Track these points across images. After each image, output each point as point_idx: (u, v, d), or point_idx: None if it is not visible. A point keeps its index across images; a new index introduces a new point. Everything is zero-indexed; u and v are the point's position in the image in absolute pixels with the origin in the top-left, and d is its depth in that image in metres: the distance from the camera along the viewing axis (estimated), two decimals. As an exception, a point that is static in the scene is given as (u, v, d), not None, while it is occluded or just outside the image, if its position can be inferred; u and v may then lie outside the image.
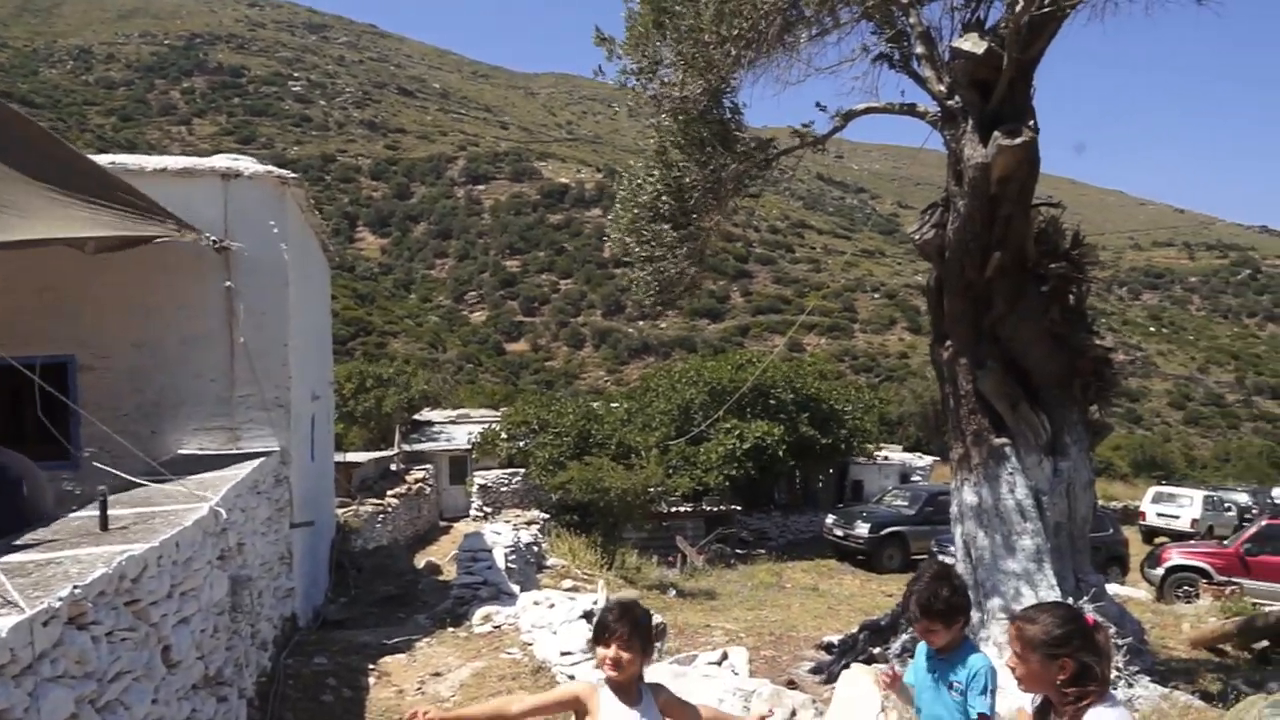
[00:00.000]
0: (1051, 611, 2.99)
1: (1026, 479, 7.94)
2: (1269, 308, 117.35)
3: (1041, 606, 3.11)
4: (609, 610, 3.21)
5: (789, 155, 8.98)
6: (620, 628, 3.09)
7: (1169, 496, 27.63)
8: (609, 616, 3.15)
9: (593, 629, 3.24)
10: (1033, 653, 2.86)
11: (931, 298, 8.61)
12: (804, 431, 23.77)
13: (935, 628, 3.46)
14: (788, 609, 13.56)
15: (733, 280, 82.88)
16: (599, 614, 3.24)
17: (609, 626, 3.12)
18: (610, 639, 3.10)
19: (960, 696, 3.46)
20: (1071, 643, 2.87)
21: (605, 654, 3.13)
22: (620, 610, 3.18)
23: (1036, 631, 2.88)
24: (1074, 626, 2.92)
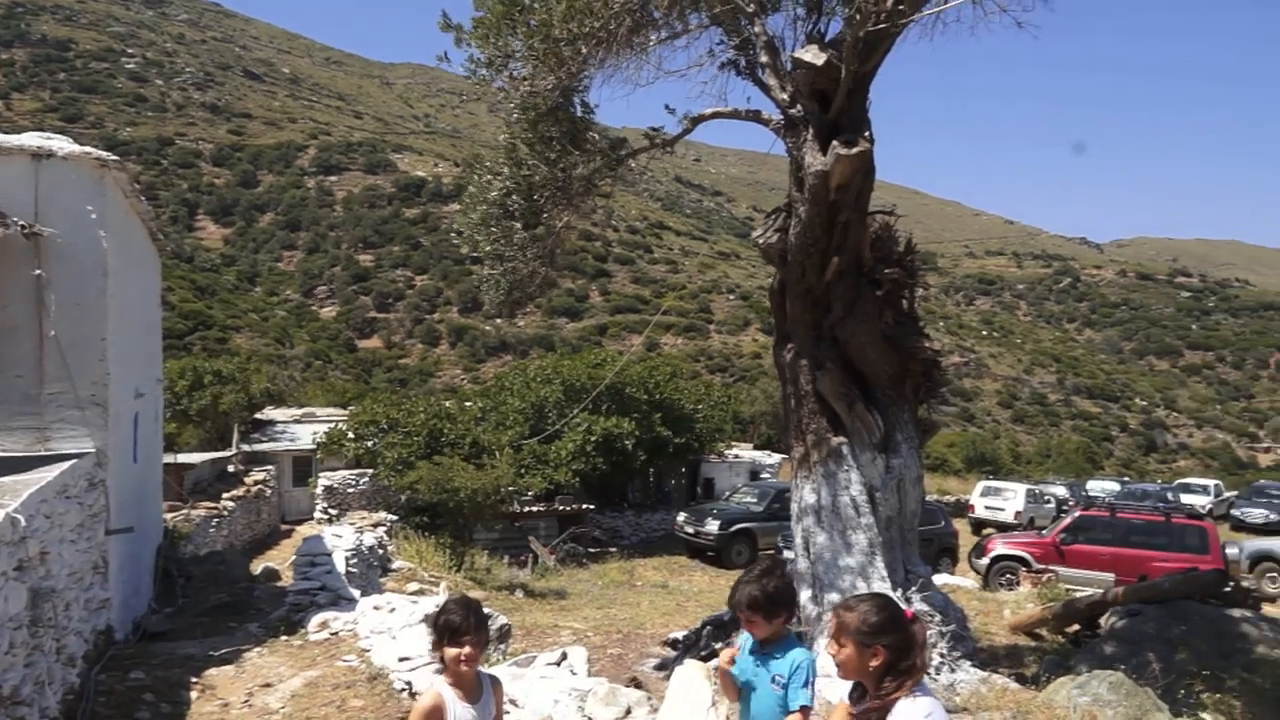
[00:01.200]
0: (870, 601, 3.11)
1: (861, 476, 8.26)
2: (1086, 314, 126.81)
3: (861, 597, 3.23)
4: (454, 610, 3.19)
5: (639, 156, 9.05)
6: (469, 625, 3.14)
7: (995, 490, 29.41)
8: (456, 616, 3.15)
9: (438, 630, 3.18)
10: (849, 640, 2.98)
11: (775, 300, 8.85)
12: (657, 430, 24.05)
13: (756, 619, 3.55)
14: (637, 607, 13.68)
15: (592, 279, 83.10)
16: (442, 615, 3.19)
17: (459, 626, 3.14)
18: (462, 638, 3.13)
19: (781, 689, 3.55)
20: (885, 633, 3.00)
21: (458, 653, 3.15)
22: (466, 608, 3.19)
23: (853, 619, 2.99)
24: (888, 616, 3.05)
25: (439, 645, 3.20)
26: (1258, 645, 9.27)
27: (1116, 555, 16.39)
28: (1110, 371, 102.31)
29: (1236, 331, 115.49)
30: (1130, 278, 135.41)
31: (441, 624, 3.17)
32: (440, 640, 3.19)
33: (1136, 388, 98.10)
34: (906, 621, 3.04)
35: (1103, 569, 16.06)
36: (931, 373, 8.82)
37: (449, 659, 3.17)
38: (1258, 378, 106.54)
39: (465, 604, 3.24)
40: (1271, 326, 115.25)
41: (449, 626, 3.15)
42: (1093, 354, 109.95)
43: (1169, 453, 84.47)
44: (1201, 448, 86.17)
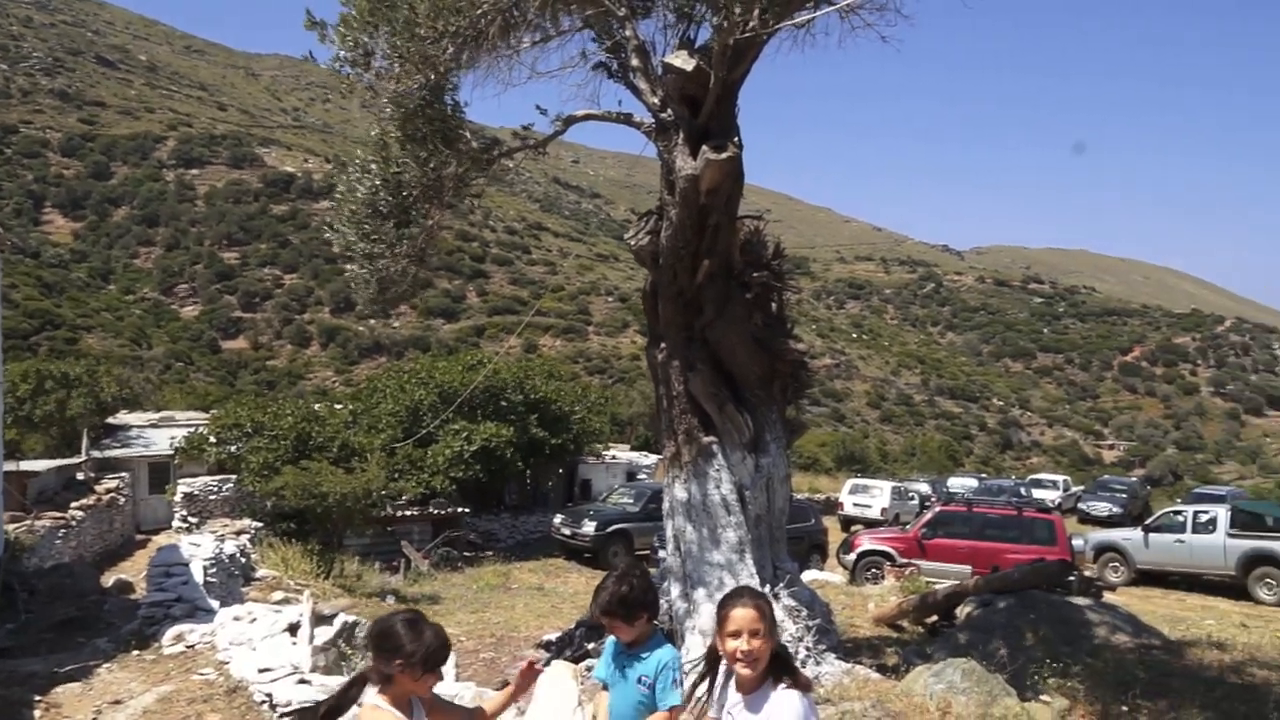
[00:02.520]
0: (757, 591, 3.21)
1: (731, 475, 8.41)
2: (949, 318, 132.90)
3: (741, 590, 3.30)
4: (438, 636, 3.05)
5: (512, 156, 8.97)
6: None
7: (863, 488, 30.48)
8: (438, 642, 3.03)
9: (429, 657, 3.00)
10: (771, 627, 3.05)
11: (647, 302, 8.92)
12: (534, 432, 23.92)
13: (616, 623, 3.58)
14: (512, 610, 13.56)
15: (469, 280, 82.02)
16: (431, 643, 3.01)
17: (441, 654, 3.04)
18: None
19: (647, 690, 3.57)
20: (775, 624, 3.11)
21: (434, 680, 3.07)
22: (437, 631, 3.07)
23: (769, 608, 3.09)
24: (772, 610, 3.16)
25: (421, 674, 3.02)
26: (1099, 631, 9.87)
27: (973, 548, 17.17)
28: (970, 373, 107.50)
29: (1084, 336, 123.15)
30: (988, 284, 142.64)
31: (433, 653, 3.01)
32: (432, 666, 3.04)
33: (994, 388, 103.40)
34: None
35: (960, 561, 16.81)
36: (799, 374, 9.05)
37: (428, 684, 3.06)
38: (1103, 379, 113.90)
39: (433, 626, 3.12)
40: (1115, 331, 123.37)
41: (436, 655, 3.02)
42: (954, 356, 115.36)
43: (1023, 450, 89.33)
44: (1052, 445, 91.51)
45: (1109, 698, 7.27)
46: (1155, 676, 8.07)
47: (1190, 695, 7.53)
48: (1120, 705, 7.07)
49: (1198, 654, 9.32)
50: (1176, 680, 8.12)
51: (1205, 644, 10.01)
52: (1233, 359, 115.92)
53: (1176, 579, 20.52)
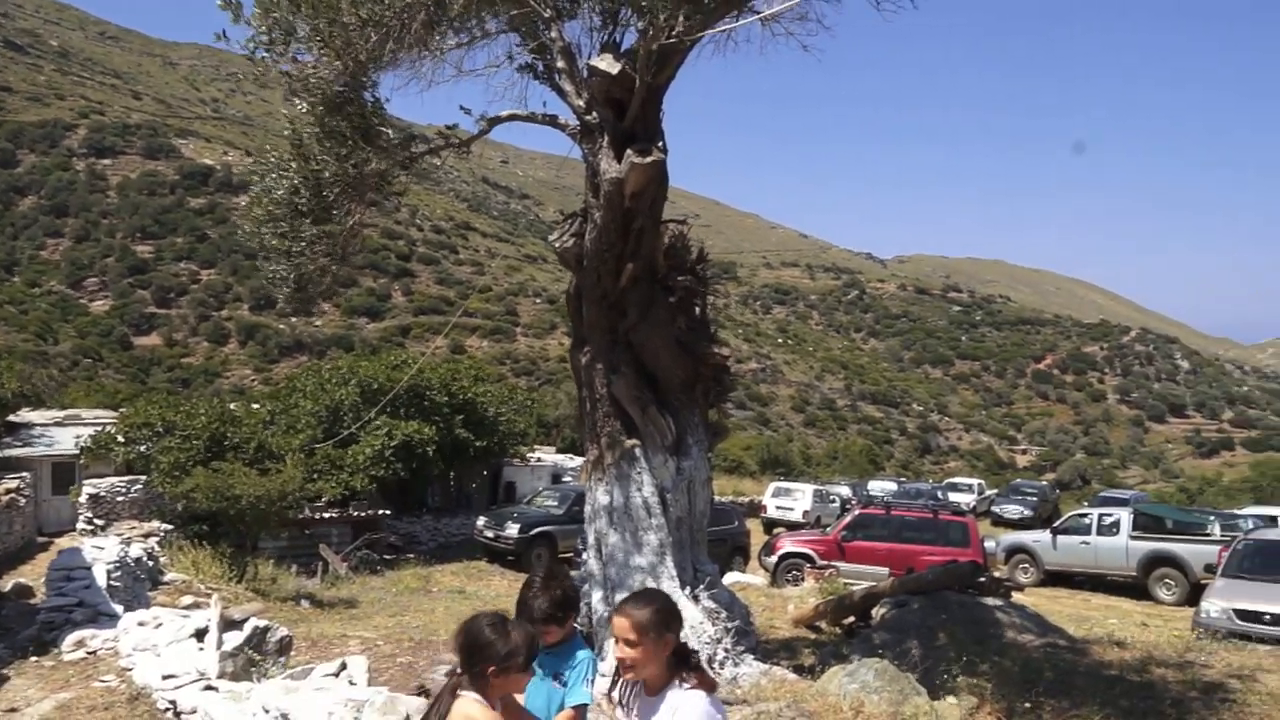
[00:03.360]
0: (650, 597, 3.19)
1: (653, 478, 8.43)
2: (871, 324, 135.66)
3: (637, 596, 3.29)
4: (526, 636, 3.07)
5: (438, 155, 8.86)
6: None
7: (785, 491, 30.86)
8: (526, 641, 3.04)
9: (520, 657, 3.02)
10: (645, 636, 3.03)
11: (571, 304, 8.91)
12: (458, 434, 23.66)
13: (550, 629, 3.62)
14: (432, 613, 13.38)
15: (394, 279, 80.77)
16: (520, 643, 3.02)
17: (531, 653, 3.07)
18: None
19: (563, 688, 3.59)
20: (675, 622, 3.10)
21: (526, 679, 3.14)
22: (524, 631, 3.09)
23: (642, 615, 3.05)
24: (672, 606, 3.15)
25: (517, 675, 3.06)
26: (1007, 630, 10.17)
27: (891, 550, 17.54)
28: (891, 379, 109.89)
29: (999, 343, 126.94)
30: (909, 292, 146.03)
31: (513, 652, 3.01)
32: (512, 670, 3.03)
33: (914, 394, 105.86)
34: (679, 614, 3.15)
35: (878, 563, 17.15)
36: (722, 378, 9.12)
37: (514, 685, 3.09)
38: (1017, 386, 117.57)
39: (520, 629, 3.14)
40: (1029, 339, 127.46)
41: (515, 653, 3.02)
42: (876, 362, 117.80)
43: (941, 454, 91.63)
44: (969, 449, 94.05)
45: (1015, 695, 7.49)
46: (1059, 675, 8.34)
47: (1092, 693, 7.79)
48: (1025, 703, 7.29)
49: (1100, 652, 9.66)
50: (1079, 678, 8.41)
51: (1107, 642, 10.37)
52: (1137, 368, 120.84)
53: (1082, 579, 21.26)
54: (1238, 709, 7.60)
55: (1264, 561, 13.28)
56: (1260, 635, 11.24)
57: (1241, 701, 7.77)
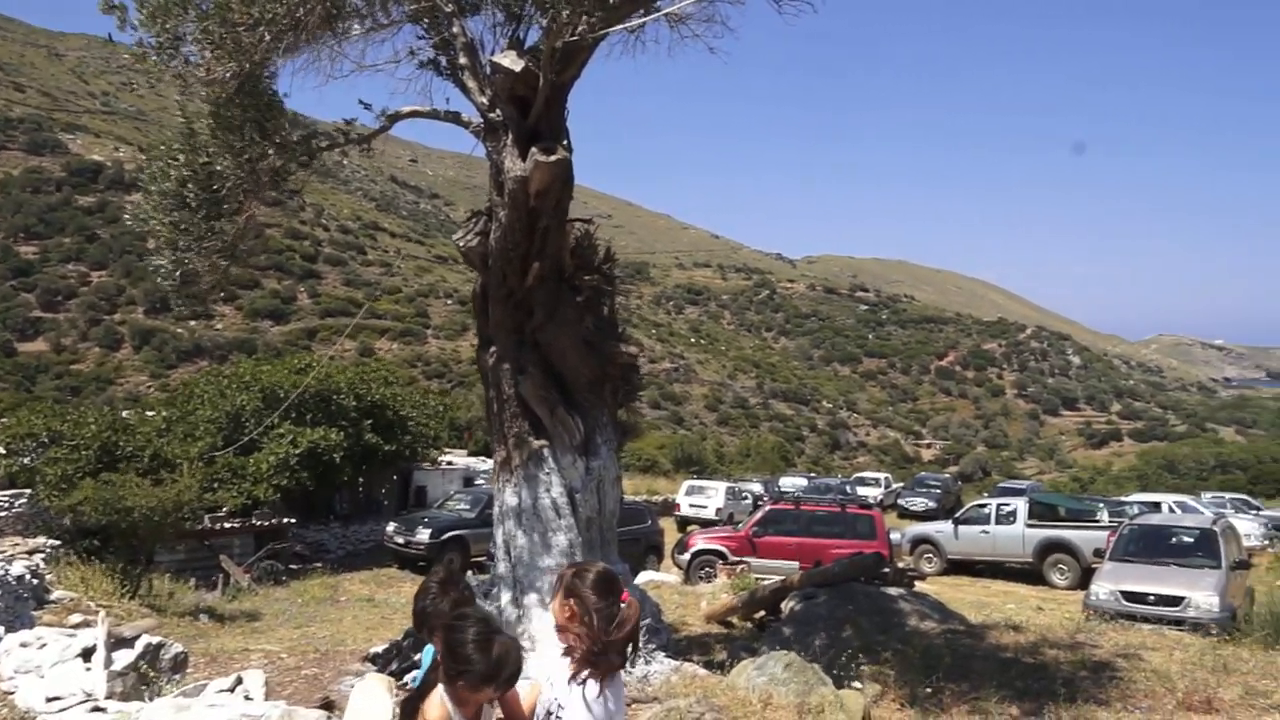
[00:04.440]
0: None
1: (562, 478, 8.40)
2: (782, 324, 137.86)
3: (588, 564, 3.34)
4: (507, 656, 2.95)
5: (335, 151, 8.66)
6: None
7: (699, 489, 31.16)
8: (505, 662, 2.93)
9: (492, 677, 2.92)
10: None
11: (477, 304, 8.82)
12: (367, 439, 23.15)
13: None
14: (339, 623, 13.08)
15: (299, 280, 78.55)
16: (495, 664, 2.90)
17: (506, 675, 2.97)
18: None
19: None
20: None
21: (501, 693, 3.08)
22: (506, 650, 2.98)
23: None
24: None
25: (487, 688, 2.97)
26: (910, 619, 10.45)
27: (801, 544, 17.87)
28: (802, 377, 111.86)
29: (904, 341, 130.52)
30: (818, 291, 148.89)
31: (512, 671, 2.97)
32: (500, 683, 2.97)
33: (824, 391, 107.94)
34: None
35: (789, 558, 17.44)
36: (630, 377, 9.14)
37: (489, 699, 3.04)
38: (921, 382, 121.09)
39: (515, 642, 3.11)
40: (932, 337, 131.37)
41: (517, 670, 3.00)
42: (787, 360, 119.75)
43: (851, 450, 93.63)
44: (877, 445, 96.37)
45: (916, 681, 7.70)
46: (959, 659, 8.60)
47: (989, 675, 8.07)
48: (926, 688, 7.51)
49: (997, 636, 10.01)
50: (978, 662, 8.70)
51: (1004, 627, 10.76)
52: (1033, 364, 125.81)
53: (983, 567, 22.03)
54: (1124, 686, 7.97)
55: (1147, 545, 13.96)
56: (1144, 615, 11.82)
57: (1127, 679, 8.15)
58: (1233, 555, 13.61)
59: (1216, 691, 7.81)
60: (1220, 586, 12.43)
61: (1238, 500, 30.84)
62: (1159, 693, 7.78)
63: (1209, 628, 11.06)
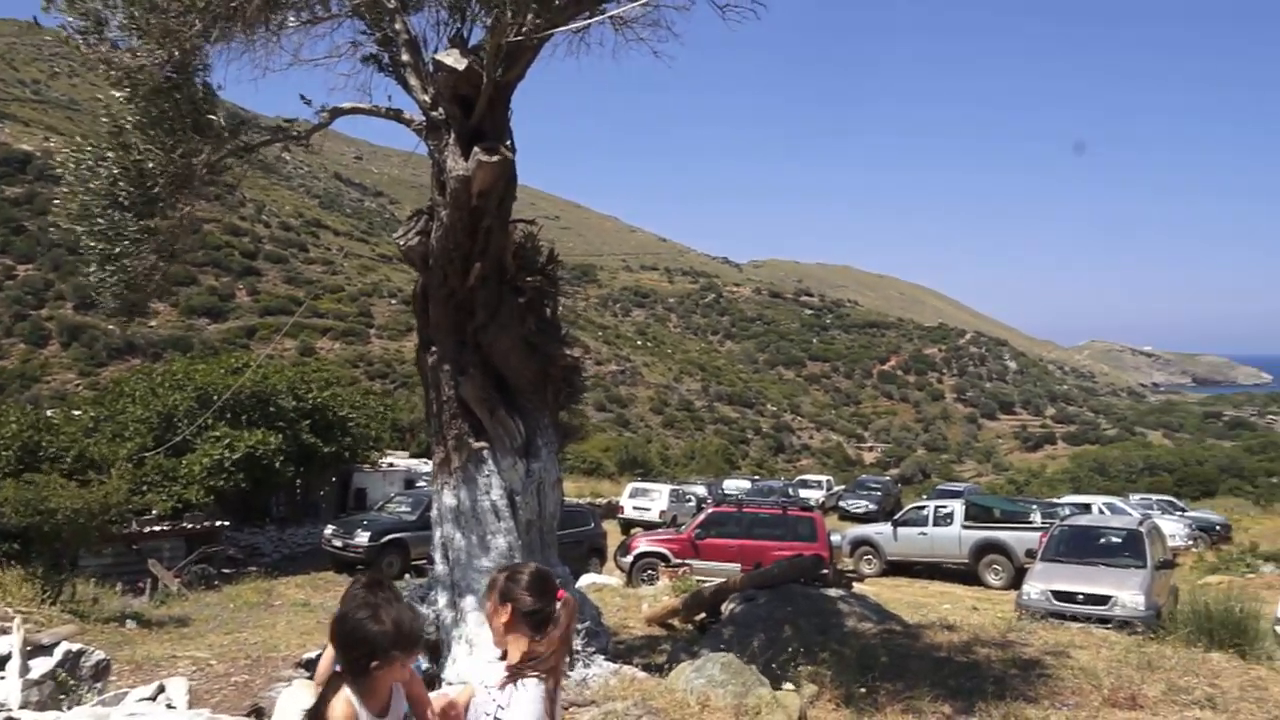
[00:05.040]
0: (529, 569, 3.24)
1: (502, 480, 8.32)
2: (728, 327, 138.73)
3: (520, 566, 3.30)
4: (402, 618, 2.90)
5: (273, 147, 8.50)
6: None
7: (642, 491, 31.17)
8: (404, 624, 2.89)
9: (399, 641, 2.86)
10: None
11: (418, 305, 8.70)
12: (306, 440, 22.78)
13: None
14: (273, 628, 12.80)
15: (238, 277, 76.95)
16: (408, 625, 2.89)
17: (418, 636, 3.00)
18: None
19: None
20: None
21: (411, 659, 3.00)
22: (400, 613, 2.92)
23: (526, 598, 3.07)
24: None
25: (389, 657, 2.85)
26: (848, 619, 10.58)
27: (742, 546, 17.98)
28: (747, 380, 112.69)
29: (848, 346, 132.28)
30: (764, 295, 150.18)
31: (406, 633, 2.91)
32: (401, 650, 2.88)
33: (768, 395, 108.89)
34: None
35: (731, 560, 17.54)
36: (572, 379, 9.09)
37: (397, 668, 2.92)
38: (864, 386, 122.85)
39: (410, 607, 3.08)
40: (875, 342, 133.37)
41: (415, 635, 2.96)
42: (732, 364, 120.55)
43: (794, 453, 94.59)
44: (820, 448, 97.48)
45: (852, 681, 7.79)
46: (894, 659, 8.73)
47: (923, 674, 8.20)
48: (861, 688, 7.59)
49: (932, 636, 10.17)
50: (913, 661, 8.83)
51: (939, 627, 10.94)
52: (972, 369, 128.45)
53: (921, 568, 22.38)
54: (1052, 683, 8.15)
55: (1077, 545, 14.32)
56: (1073, 614, 12.12)
57: (1056, 676, 8.34)
58: (1158, 555, 14.03)
59: (1141, 688, 8.03)
60: (1146, 586, 12.79)
61: (1164, 502, 31.80)
62: (1086, 690, 7.97)
63: (1135, 626, 11.38)
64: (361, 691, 2.86)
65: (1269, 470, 61.71)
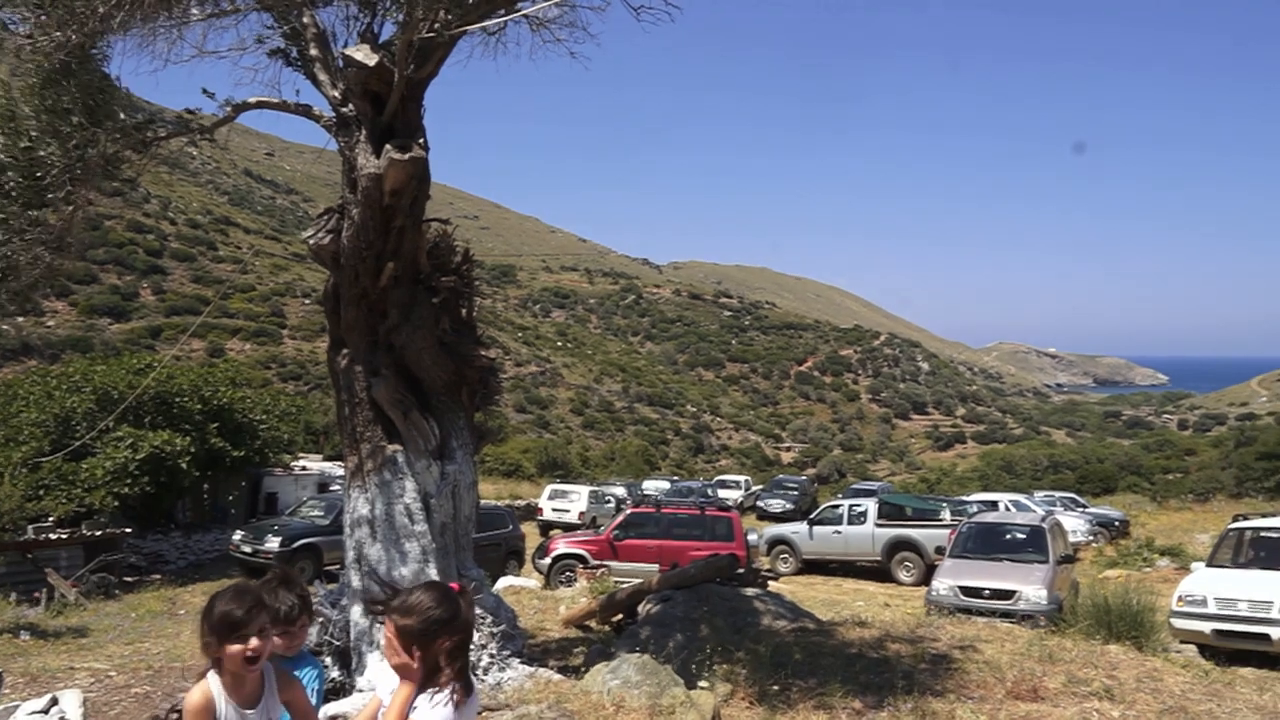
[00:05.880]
0: (426, 592, 3.06)
1: (416, 484, 8.21)
2: (648, 328, 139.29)
3: (411, 594, 3.15)
4: (230, 602, 2.88)
5: (176, 140, 8.22)
6: (251, 617, 2.88)
7: (562, 493, 31.06)
8: (236, 609, 2.87)
9: (212, 627, 2.88)
10: (413, 640, 2.92)
11: (329, 305, 8.52)
12: (213, 443, 22.08)
13: (285, 634, 3.48)
14: (177, 638, 12.37)
15: (143, 276, 74.17)
16: (215, 608, 2.90)
17: (240, 619, 2.87)
18: (244, 631, 2.87)
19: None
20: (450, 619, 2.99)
21: (241, 649, 2.88)
22: (243, 597, 2.91)
23: (414, 622, 2.93)
24: (451, 604, 3.04)
25: (218, 645, 2.88)
26: (763, 618, 10.70)
27: (661, 547, 18.07)
28: (667, 381, 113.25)
29: (766, 347, 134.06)
30: (684, 297, 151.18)
31: (220, 618, 2.87)
32: (219, 639, 2.86)
33: (688, 396, 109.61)
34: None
35: (649, 560, 17.61)
36: (488, 380, 9.02)
37: (230, 657, 2.87)
38: (782, 387, 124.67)
39: (241, 593, 2.94)
40: (792, 343, 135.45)
41: (228, 619, 2.85)
42: (653, 365, 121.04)
43: (714, 453, 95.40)
44: (739, 448, 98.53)
45: (766, 679, 7.89)
46: (807, 656, 8.86)
47: (835, 671, 8.35)
48: (774, 685, 7.70)
49: (844, 633, 10.36)
50: (825, 658, 8.98)
51: (851, 623, 11.14)
52: (886, 370, 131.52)
53: (836, 566, 22.80)
54: (959, 676, 8.38)
55: (983, 542, 14.77)
56: (979, 609, 12.47)
57: (962, 670, 8.58)
58: (1060, 550, 14.56)
59: (1042, 680, 8.31)
60: (1048, 580, 13.26)
61: (1066, 499, 32.99)
62: (990, 683, 8.21)
63: (1038, 619, 11.78)
64: (225, 681, 2.91)
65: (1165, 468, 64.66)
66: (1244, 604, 11.13)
